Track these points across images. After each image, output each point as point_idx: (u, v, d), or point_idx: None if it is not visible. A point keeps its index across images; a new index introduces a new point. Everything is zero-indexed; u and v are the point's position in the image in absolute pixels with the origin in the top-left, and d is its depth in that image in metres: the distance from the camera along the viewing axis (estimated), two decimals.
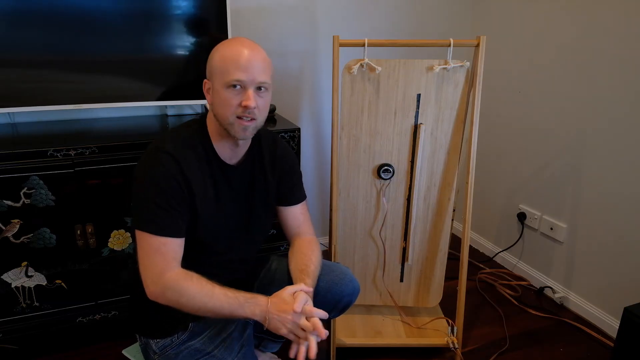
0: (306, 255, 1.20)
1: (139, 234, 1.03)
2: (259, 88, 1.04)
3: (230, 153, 1.13)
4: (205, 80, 1.08)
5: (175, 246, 1.04)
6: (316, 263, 1.19)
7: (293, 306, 1.00)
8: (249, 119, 1.04)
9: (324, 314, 1.03)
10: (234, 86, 1.01)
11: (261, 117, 1.07)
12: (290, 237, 1.28)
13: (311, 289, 1.10)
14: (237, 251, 1.21)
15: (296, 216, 1.27)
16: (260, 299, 1.03)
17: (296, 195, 1.28)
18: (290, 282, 1.27)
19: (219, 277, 1.10)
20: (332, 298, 1.24)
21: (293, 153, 1.31)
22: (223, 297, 1.02)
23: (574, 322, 1.86)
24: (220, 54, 1.04)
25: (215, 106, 1.05)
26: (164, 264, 1.02)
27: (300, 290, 1.06)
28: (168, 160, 1.03)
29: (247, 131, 1.05)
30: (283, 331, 1.01)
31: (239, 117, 1.03)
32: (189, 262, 1.07)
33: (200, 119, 1.14)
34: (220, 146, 1.11)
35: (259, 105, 1.03)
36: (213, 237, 1.13)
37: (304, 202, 1.30)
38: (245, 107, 1.01)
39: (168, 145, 1.05)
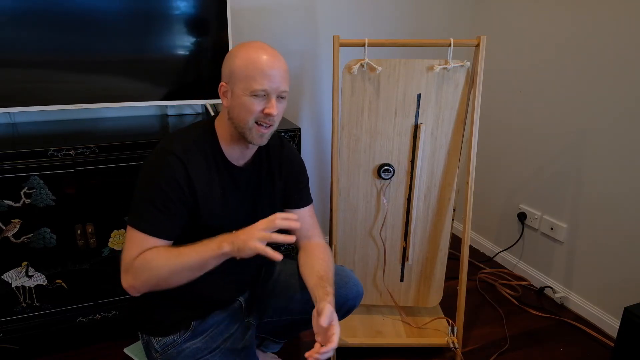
0: (324, 260, 1.19)
1: (129, 229, 1.03)
2: (279, 96, 1.04)
3: (238, 155, 1.13)
4: (222, 83, 1.07)
5: (157, 245, 1.03)
6: (333, 270, 1.19)
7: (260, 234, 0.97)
8: (268, 125, 1.05)
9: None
10: (258, 94, 1.01)
11: (277, 123, 1.08)
12: (299, 240, 1.26)
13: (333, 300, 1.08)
14: None
15: (305, 219, 1.25)
16: (224, 235, 1.00)
17: (304, 197, 1.27)
18: (294, 284, 1.27)
19: (221, 277, 1.10)
20: (336, 301, 1.23)
21: (299, 155, 1.31)
22: (189, 249, 1.00)
23: (574, 322, 1.86)
24: (243, 59, 1.02)
25: (234, 110, 1.05)
26: (137, 253, 1.01)
27: (327, 304, 1.04)
28: (174, 162, 1.03)
29: (263, 137, 1.07)
30: (254, 244, 0.96)
31: (257, 123, 1.04)
32: None
33: (208, 120, 1.14)
34: (229, 148, 1.11)
35: (277, 113, 1.04)
36: None
37: (311, 205, 1.29)
38: (268, 115, 1.02)
39: (176, 146, 1.05)
